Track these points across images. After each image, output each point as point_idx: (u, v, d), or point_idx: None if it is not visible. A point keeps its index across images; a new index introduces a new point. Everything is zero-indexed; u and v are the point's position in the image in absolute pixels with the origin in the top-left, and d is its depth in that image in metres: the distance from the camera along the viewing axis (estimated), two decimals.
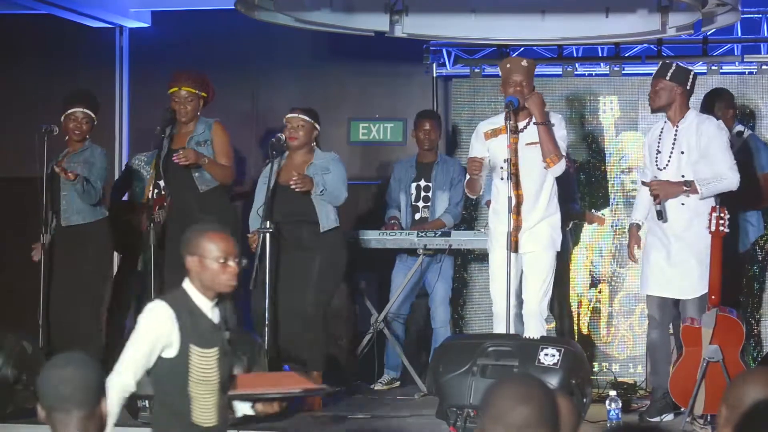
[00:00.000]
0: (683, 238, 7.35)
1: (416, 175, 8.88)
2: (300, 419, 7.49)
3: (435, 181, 8.82)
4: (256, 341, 7.19)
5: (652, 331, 7.57)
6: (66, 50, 10.43)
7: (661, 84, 7.38)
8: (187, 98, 8.03)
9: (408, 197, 8.89)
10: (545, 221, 7.49)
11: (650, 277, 7.48)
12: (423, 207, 8.87)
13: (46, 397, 3.34)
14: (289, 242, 7.80)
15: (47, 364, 3.39)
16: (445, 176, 8.78)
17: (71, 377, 3.33)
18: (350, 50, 9.86)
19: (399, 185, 8.92)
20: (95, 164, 8.09)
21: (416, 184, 8.89)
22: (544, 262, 7.47)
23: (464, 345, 7.07)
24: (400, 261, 8.87)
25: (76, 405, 3.32)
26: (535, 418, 3.02)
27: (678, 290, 7.42)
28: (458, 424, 6.73)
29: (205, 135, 8.05)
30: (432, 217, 8.80)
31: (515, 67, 7.46)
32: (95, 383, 3.36)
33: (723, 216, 7.26)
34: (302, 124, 7.86)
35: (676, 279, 7.38)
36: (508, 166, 7.28)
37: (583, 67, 9.16)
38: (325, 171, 7.84)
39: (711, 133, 7.33)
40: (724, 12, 8.01)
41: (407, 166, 8.96)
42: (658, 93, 7.41)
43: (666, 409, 7.44)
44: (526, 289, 7.48)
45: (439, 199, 8.79)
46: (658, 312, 7.49)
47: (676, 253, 7.37)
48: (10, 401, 7.28)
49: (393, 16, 8.64)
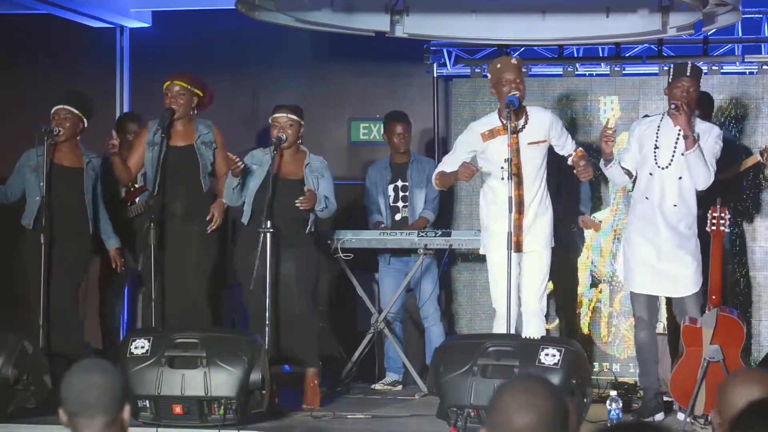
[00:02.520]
0: (677, 237, 7.37)
1: (392, 177, 8.93)
2: (300, 419, 7.49)
3: (411, 180, 8.88)
4: (256, 341, 7.19)
5: (640, 331, 7.58)
6: (66, 50, 10.43)
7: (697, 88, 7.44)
8: (179, 92, 8.04)
9: (386, 199, 8.92)
10: (542, 219, 7.52)
11: (638, 274, 7.48)
12: (403, 207, 8.91)
13: (69, 402, 3.34)
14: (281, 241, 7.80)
15: (72, 369, 3.38)
16: (421, 175, 8.84)
17: (96, 383, 3.32)
18: (351, 50, 9.86)
19: (376, 188, 8.95)
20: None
21: (393, 185, 8.94)
22: (544, 261, 7.53)
23: (465, 345, 7.07)
24: (384, 263, 8.88)
25: (100, 411, 3.32)
26: (537, 426, 3.01)
27: (673, 289, 7.43)
28: (459, 424, 6.73)
29: (210, 137, 8.11)
30: (412, 216, 8.84)
31: (506, 66, 7.50)
32: (119, 390, 3.36)
33: (723, 216, 7.27)
34: (290, 122, 7.86)
35: (670, 277, 7.39)
36: (508, 166, 7.29)
37: (583, 67, 9.15)
38: (321, 176, 7.85)
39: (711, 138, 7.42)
40: (724, 12, 8.00)
41: (381, 168, 9.00)
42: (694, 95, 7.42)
43: (658, 408, 7.48)
44: (525, 287, 7.49)
45: (417, 198, 8.86)
46: (647, 312, 7.51)
47: (670, 251, 7.38)
48: (10, 401, 7.28)
49: (393, 16, 8.64)
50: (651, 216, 7.45)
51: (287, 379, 8.29)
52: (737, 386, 3.34)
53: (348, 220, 9.19)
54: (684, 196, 7.40)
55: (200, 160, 8.05)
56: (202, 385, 6.96)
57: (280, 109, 7.91)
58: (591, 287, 8.90)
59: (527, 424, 3.00)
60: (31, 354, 7.36)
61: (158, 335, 7.22)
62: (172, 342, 7.11)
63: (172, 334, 7.22)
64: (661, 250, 7.41)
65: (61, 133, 8.02)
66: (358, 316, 9.26)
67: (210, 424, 7.00)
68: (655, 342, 7.58)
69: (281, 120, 7.86)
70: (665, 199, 7.41)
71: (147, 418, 7.04)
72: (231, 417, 6.98)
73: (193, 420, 7.02)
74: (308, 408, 7.72)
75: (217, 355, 7.01)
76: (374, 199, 8.97)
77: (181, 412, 7.01)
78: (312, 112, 8.42)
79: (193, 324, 7.70)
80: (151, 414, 7.03)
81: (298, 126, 7.89)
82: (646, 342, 7.54)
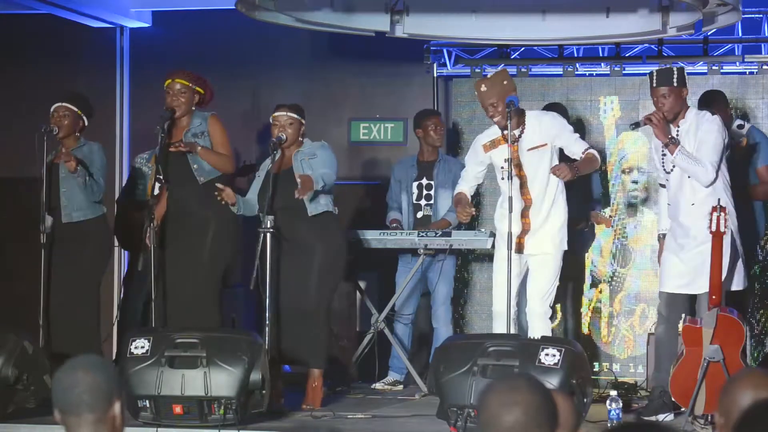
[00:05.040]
0: (697, 236, 7.36)
1: (418, 174, 8.89)
2: (300, 419, 7.49)
3: (437, 179, 8.82)
4: (256, 341, 7.19)
5: (658, 326, 7.59)
6: (66, 50, 10.43)
7: (671, 90, 7.36)
8: (180, 90, 8.02)
9: (409, 196, 8.89)
10: (552, 222, 7.53)
11: (664, 274, 7.52)
12: (425, 205, 8.87)
13: (58, 400, 3.33)
14: (287, 238, 7.77)
15: (61, 367, 3.38)
16: (447, 175, 8.77)
17: (81, 381, 3.31)
18: (351, 50, 9.86)
19: (400, 185, 8.92)
20: (94, 161, 8.10)
21: (418, 182, 8.89)
22: (552, 264, 7.55)
23: (465, 345, 7.07)
24: (403, 262, 8.87)
25: (86, 409, 3.30)
26: (522, 423, 3.01)
27: (688, 286, 7.44)
28: (459, 424, 6.72)
29: (202, 127, 8.04)
30: (435, 216, 8.80)
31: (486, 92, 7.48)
32: (106, 387, 3.33)
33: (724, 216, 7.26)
34: (290, 121, 7.86)
35: (689, 275, 7.40)
36: (509, 165, 7.33)
37: (583, 67, 9.15)
38: (312, 156, 7.80)
39: (707, 127, 7.35)
40: (724, 12, 8.00)
41: (408, 165, 8.97)
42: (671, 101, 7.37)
43: (663, 408, 7.45)
44: (531, 289, 7.52)
45: (441, 198, 8.80)
46: (666, 308, 7.50)
47: (689, 250, 7.39)
48: (10, 401, 7.27)
49: (393, 16, 8.63)
50: (675, 217, 7.48)
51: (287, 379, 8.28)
52: (741, 387, 3.34)
53: (348, 220, 9.19)
54: (700, 196, 7.36)
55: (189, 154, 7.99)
56: (202, 385, 6.96)
57: (281, 108, 7.91)
58: (591, 287, 8.90)
59: (516, 421, 3.01)
60: (31, 354, 7.35)
61: (158, 335, 7.22)
62: (172, 342, 7.11)
63: (172, 334, 7.21)
64: (684, 248, 7.41)
65: (59, 132, 8.01)
66: (358, 316, 9.26)
67: (210, 424, 7.00)
68: (674, 339, 7.52)
69: (281, 119, 7.86)
70: (682, 201, 7.41)
71: (147, 418, 7.04)
72: (231, 417, 6.97)
73: (193, 420, 7.02)
74: (308, 408, 7.71)
75: (217, 355, 7.00)
76: (396, 197, 8.93)
77: (181, 412, 7.01)
78: (312, 112, 8.41)
79: (199, 323, 7.68)
80: (151, 414, 7.03)
81: (299, 124, 7.88)
82: (663, 337, 7.51)
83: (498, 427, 3.01)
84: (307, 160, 7.77)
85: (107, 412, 3.33)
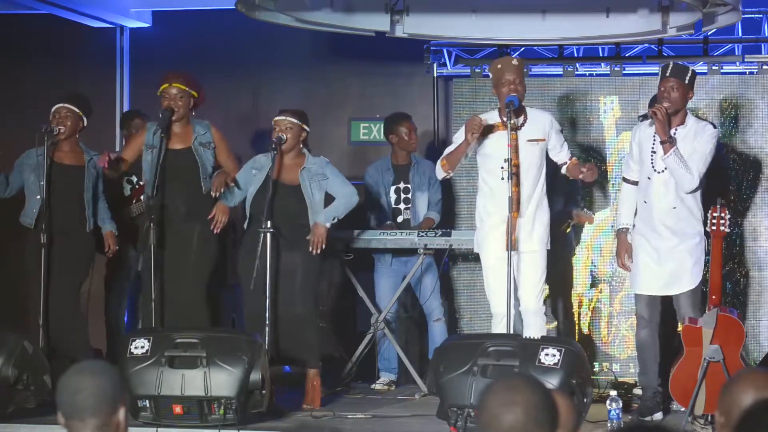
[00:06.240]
0: (676, 238, 7.37)
1: (394, 179, 8.92)
2: (300, 419, 7.49)
3: (413, 182, 8.88)
4: (257, 341, 7.19)
5: (641, 330, 7.60)
6: (66, 50, 10.43)
7: (681, 86, 7.38)
8: (177, 95, 8.03)
9: (388, 200, 8.92)
10: (539, 219, 7.54)
11: (639, 276, 7.51)
12: (405, 209, 8.91)
13: (62, 404, 3.34)
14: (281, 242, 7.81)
15: (66, 372, 3.38)
16: (422, 177, 8.85)
17: (85, 387, 3.31)
18: (351, 50, 9.86)
19: (377, 188, 8.94)
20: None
21: (395, 187, 8.92)
22: (541, 261, 7.55)
23: (465, 345, 7.07)
24: (381, 262, 8.88)
25: (90, 414, 3.30)
26: (522, 423, 3.01)
27: (667, 287, 7.44)
28: (459, 424, 6.73)
29: (207, 137, 8.09)
30: (415, 218, 8.84)
31: (506, 67, 7.53)
32: (112, 393, 3.34)
33: (723, 216, 7.27)
34: (290, 126, 7.88)
35: (666, 276, 7.40)
36: (508, 166, 7.32)
37: (583, 67, 9.15)
38: (323, 178, 7.86)
39: (706, 139, 7.40)
40: (724, 12, 8.00)
41: (383, 169, 8.99)
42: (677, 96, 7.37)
43: (656, 408, 7.49)
44: (524, 287, 7.52)
45: (419, 200, 8.87)
46: (647, 311, 7.53)
47: (667, 251, 7.39)
48: (11, 401, 7.28)
49: (393, 16, 8.63)
50: (649, 219, 7.46)
51: (287, 379, 8.29)
52: (741, 387, 3.34)
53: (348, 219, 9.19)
54: (683, 198, 7.40)
55: (199, 161, 8.03)
56: (202, 385, 6.96)
57: (283, 112, 7.97)
58: (591, 287, 8.90)
59: (516, 421, 3.01)
60: (31, 354, 7.36)
61: (158, 335, 7.22)
62: (172, 342, 7.11)
63: (172, 334, 7.22)
64: (660, 251, 7.42)
65: (62, 132, 8.02)
66: (358, 316, 9.26)
67: (210, 424, 7.01)
68: (656, 341, 7.58)
69: (282, 123, 7.89)
70: (664, 202, 7.41)
71: (147, 418, 7.04)
72: (231, 417, 6.98)
73: (193, 420, 7.02)
74: (308, 408, 7.72)
75: (217, 355, 7.01)
76: (375, 199, 8.97)
77: (181, 412, 7.01)
78: (312, 112, 8.41)
79: (191, 324, 7.70)
80: (151, 414, 7.03)
81: (299, 130, 7.90)
82: (647, 341, 7.55)
83: (498, 427, 3.01)
84: (318, 181, 7.81)
85: (111, 417, 3.33)
